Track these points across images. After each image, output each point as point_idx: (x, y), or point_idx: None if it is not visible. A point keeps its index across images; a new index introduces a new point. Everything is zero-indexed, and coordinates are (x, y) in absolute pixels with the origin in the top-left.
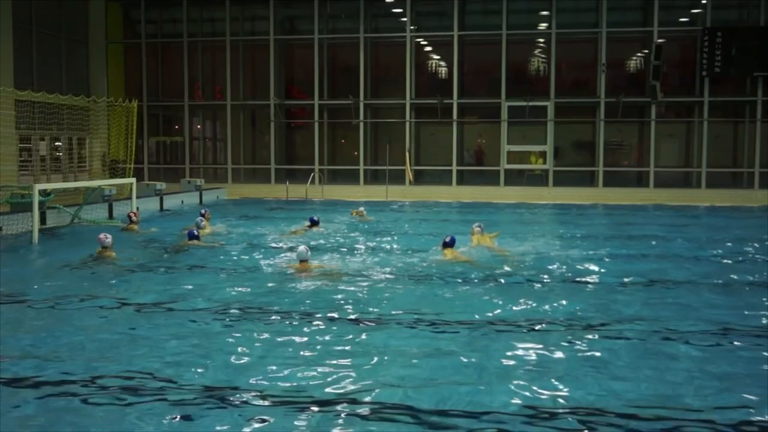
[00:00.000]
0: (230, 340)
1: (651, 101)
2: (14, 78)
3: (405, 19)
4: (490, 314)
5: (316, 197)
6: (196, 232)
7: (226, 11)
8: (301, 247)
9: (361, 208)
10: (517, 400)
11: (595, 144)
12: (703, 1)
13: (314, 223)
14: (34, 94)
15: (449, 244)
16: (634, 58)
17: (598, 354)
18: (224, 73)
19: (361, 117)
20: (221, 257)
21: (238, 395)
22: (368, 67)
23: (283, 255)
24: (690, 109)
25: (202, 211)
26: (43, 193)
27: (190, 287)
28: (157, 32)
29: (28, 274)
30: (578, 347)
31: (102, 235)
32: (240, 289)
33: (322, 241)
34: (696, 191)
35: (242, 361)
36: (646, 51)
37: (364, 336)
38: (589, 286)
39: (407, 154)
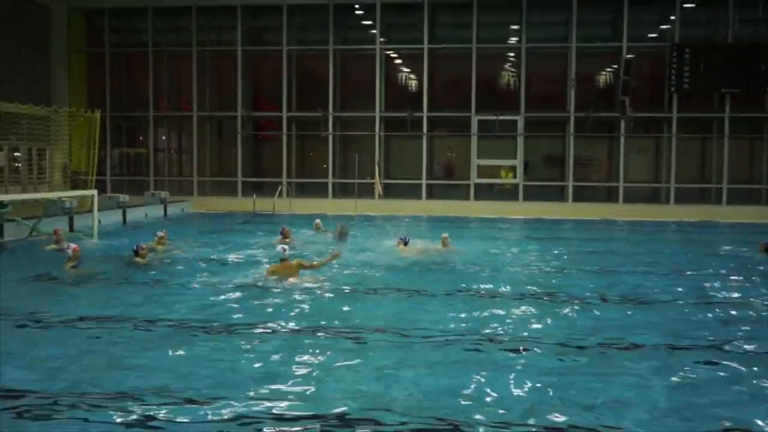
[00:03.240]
0: (193, 352)
1: (620, 116)
2: None
3: (375, 31)
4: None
5: (284, 210)
6: (135, 247)
7: (192, 21)
8: (279, 247)
9: (318, 220)
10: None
11: (565, 159)
12: (672, 18)
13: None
14: None
15: (404, 241)
16: (604, 73)
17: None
18: (191, 84)
19: (330, 129)
20: (178, 271)
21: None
22: (337, 79)
23: (245, 268)
24: (659, 124)
25: (159, 234)
26: (1, 204)
27: (144, 301)
28: (121, 41)
29: None
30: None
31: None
32: (193, 302)
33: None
34: (665, 207)
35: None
36: (616, 66)
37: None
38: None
39: (377, 167)
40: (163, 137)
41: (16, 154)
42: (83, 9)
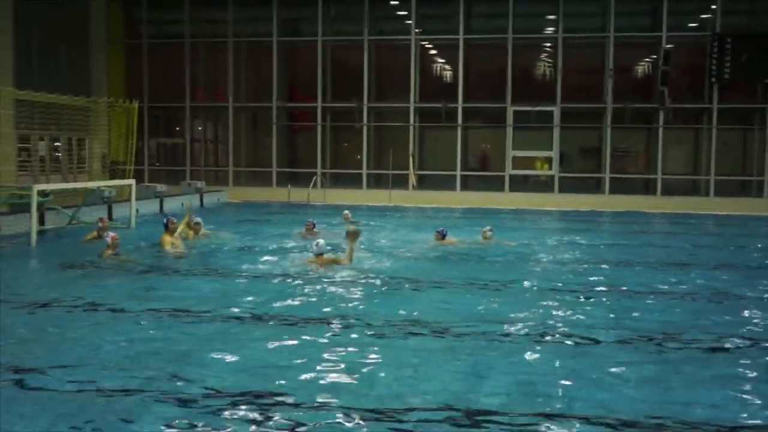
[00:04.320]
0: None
1: (659, 107)
2: (14, 77)
3: (410, 21)
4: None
5: (318, 201)
6: (165, 221)
7: (228, 12)
8: (321, 241)
9: (346, 211)
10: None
11: (602, 150)
12: (713, 7)
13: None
14: (34, 94)
15: (441, 234)
16: (642, 63)
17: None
18: (226, 75)
19: (365, 120)
20: (217, 260)
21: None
22: (372, 70)
23: (280, 257)
24: (698, 115)
25: (196, 219)
26: (42, 193)
27: (182, 291)
28: (158, 33)
29: (24, 275)
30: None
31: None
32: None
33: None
34: (704, 199)
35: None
36: (655, 56)
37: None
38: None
39: (411, 158)
40: (200, 128)
41: (56, 144)
42: (121, 0)
